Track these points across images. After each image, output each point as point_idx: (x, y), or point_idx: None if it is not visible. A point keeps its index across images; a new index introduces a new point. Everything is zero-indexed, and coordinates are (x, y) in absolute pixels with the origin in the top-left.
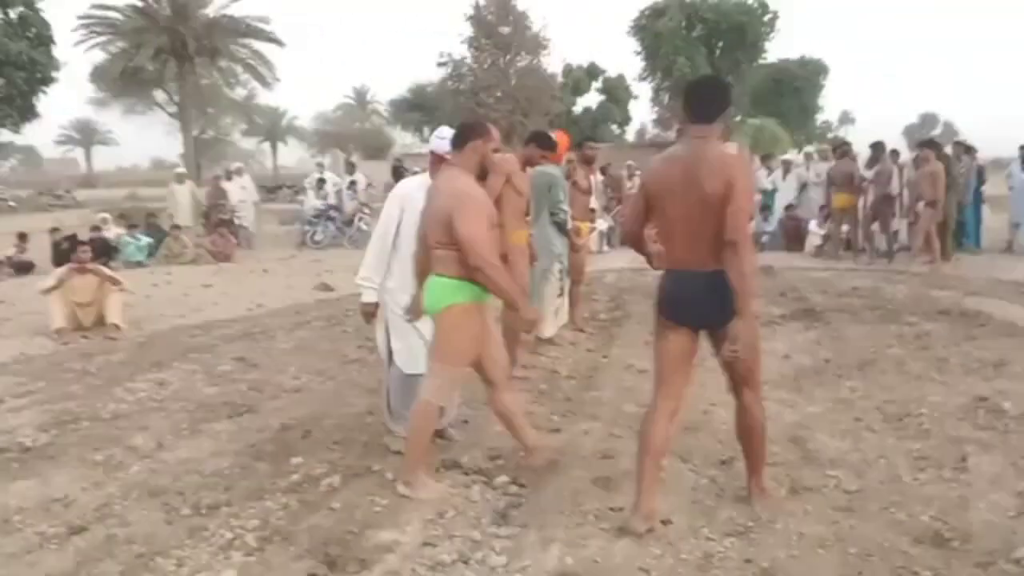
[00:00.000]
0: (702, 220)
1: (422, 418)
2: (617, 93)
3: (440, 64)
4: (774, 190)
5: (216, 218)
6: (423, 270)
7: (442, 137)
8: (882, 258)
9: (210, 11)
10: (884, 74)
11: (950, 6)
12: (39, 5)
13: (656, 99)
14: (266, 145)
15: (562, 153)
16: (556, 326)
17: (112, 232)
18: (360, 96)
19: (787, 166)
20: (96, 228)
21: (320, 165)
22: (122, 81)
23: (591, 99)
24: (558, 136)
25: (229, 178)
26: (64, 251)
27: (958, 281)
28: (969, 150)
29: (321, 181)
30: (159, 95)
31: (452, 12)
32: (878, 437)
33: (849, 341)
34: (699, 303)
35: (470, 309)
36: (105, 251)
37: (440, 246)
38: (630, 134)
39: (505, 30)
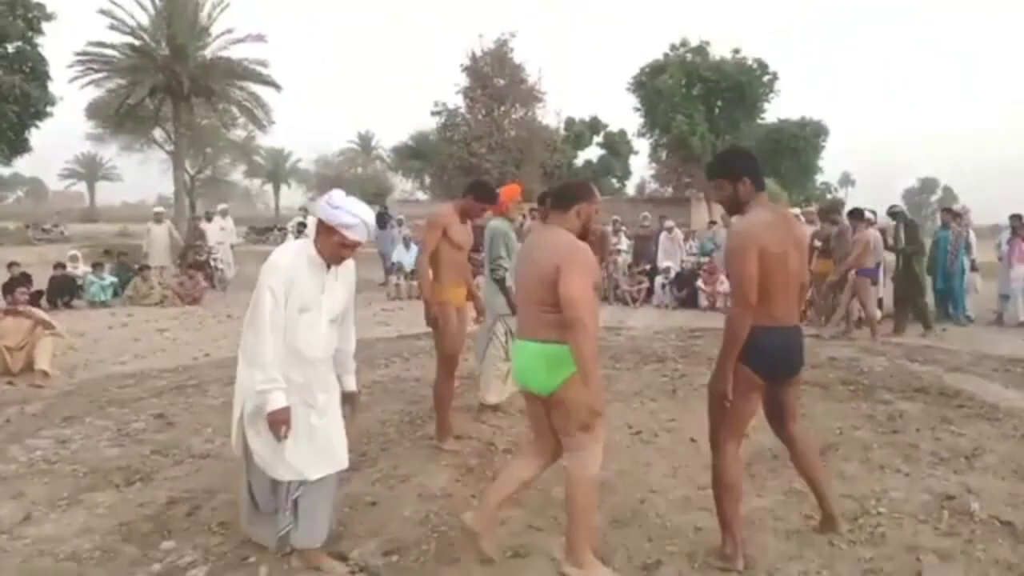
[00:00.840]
0: (795, 278)
1: (586, 495)
2: (618, 147)
3: (434, 113)
4: None
5: (192, 259)
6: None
7: (335, 206)
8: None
9: (208, 52)
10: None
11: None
12: (38, 40)
13: (654, 155)
14: (269, 186)
15: (506, 204)
16: (504, 392)
17: (80, 270)
18: (365, 141)
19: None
20: (60, 265)
21: (303, 209)
22: (118, 118)
23: (592, 152)
24: (507, 188)
25: (209, 219)
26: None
27: (943, 355)
28: (957, 216)
29: (302, 225)
30: (157, 133)
31: (456, 62)
32: (826, 540)
33: (815, 420)
34: (796, 355)
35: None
36: (69, 290)
37: (546, 309)
38: (630, 188)
39: (500, 82)
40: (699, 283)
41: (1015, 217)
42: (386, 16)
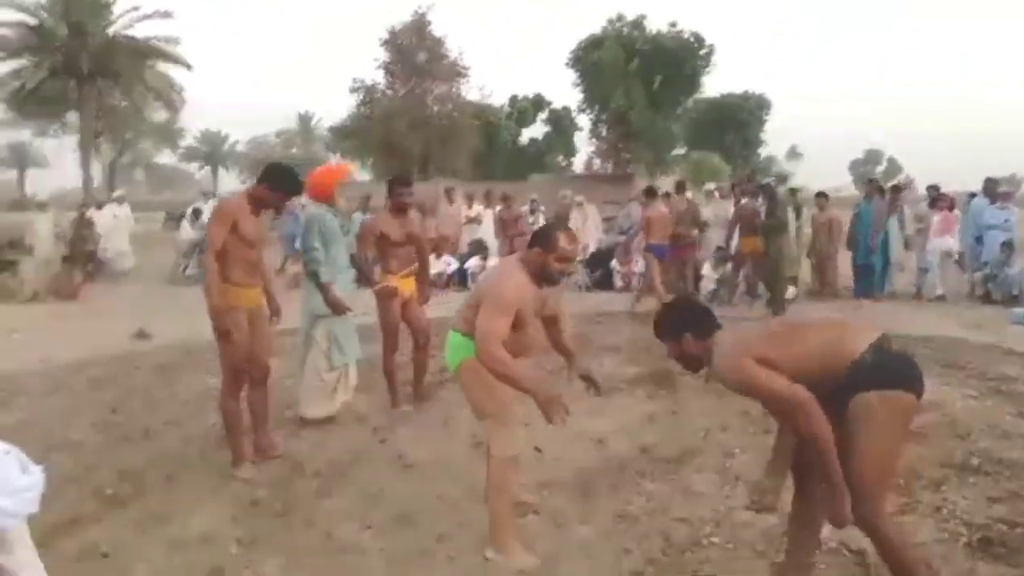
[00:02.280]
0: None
1: (496, 475)
2: (563, 125)
3: (353, 90)
4: None
5: (79, 250)
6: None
7: None
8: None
9: (111, 31)
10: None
11: (896, 45)
12: None
13: (594, 131)
14: (207, 170)
15: (328, 189)
16: (330, 406)
17: None
18: (304, 122)
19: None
20: None
21: (205, 194)
22: (19, 102)
23: (537, 130)
24: (327, 170)
25: (100, 207)
26: None
27: None
28: (881, 190)
29: (197, 212)
30: (74, 117)
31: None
32: None
33: (686, 419)
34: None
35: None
36: None
37: (469, 315)
38: (577, 165)
39: (421, 55)
40: (613, 263)
41: (932, 188)
42: None
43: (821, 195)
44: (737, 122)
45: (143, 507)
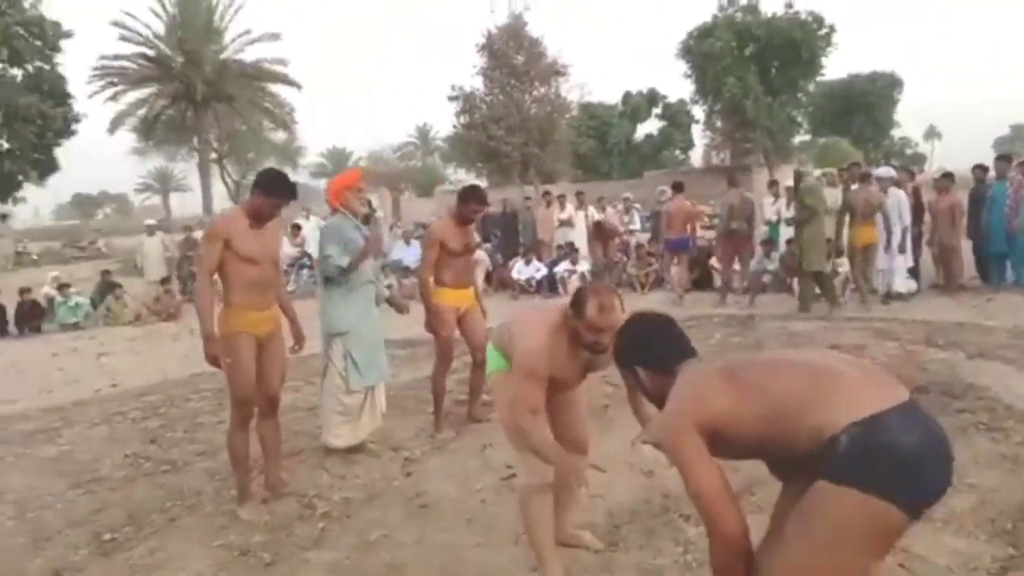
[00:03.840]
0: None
1: (523, 505)
2: (678, 118)
3: (451, 98)
4: (778, 221)
5: (187, 270)
6: None
7: None
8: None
9: (223, 56)
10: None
11: None
12: (57, 59)
13: (708, 122)
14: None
15: (339, 196)
16: (354, 434)
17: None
18: (422, 134)
19: (791, 194)
20: (26, 290)
21: (306, 210)
22: (145, 131)
23: (652, 125)
24: (340, 177)
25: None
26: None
27: (975, 334)
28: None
29: (296, 227)
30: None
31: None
32: None
33: None
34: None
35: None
36: (36, 314)
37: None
38: (695, 159)
39: (518, 58)
40: (712, 261)
41: None
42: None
43: (946, 176)
44: (866, 104)
45: (132, 556)
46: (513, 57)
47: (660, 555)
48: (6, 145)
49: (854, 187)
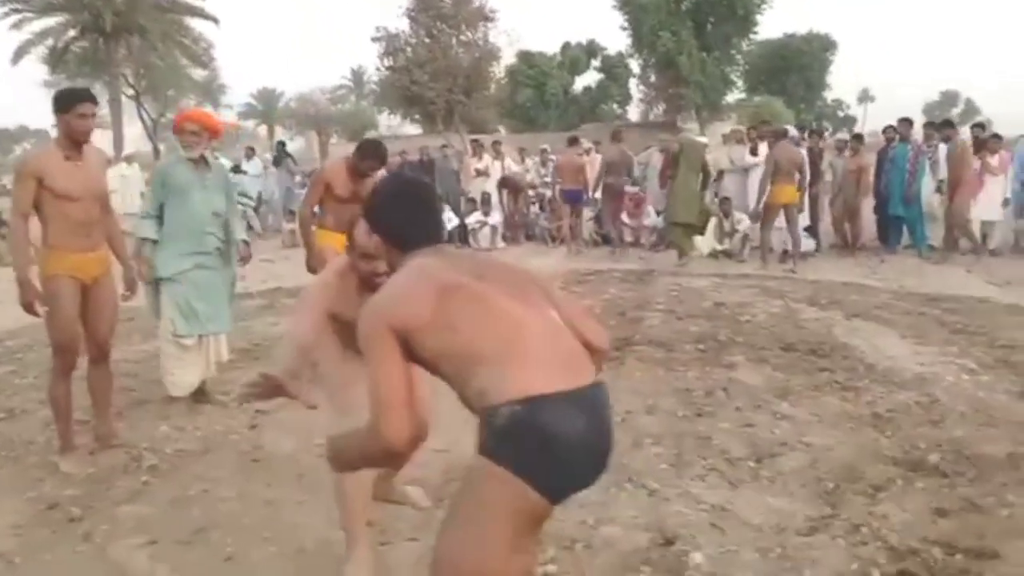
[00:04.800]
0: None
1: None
2: (616, 72)
3: (375, 39)
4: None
5: None
6: None
7: None
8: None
9: None
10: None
11: None
12: None
13: (643, 76)
14: (264, 128)
15: (174, 132)
16: (188, 380)
17: None
18: (357, 77)
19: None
20: None
21: (251, 149)
22: (56, 62)
23: (591, 77)
24: (178, 116)
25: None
26: None
27: (857, 294)
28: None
29: (236, 168)
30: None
31: None
32: None
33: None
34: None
35: None
36: None
37: None
38: (632, 114)
39: (447, 1)
40: (623, 216)
41: (977, 127)
42: None
43: (856, 137)
44: (800, 65)
45: None
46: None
47: None
48: None
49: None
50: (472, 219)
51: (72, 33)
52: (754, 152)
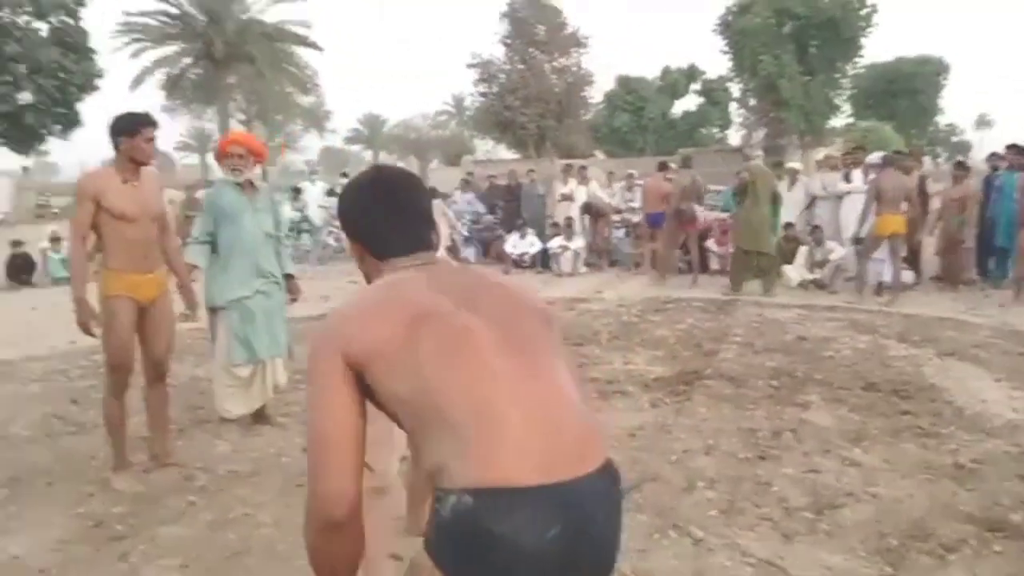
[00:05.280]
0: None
1: None
2: (716, 95)
3: (470, 66)
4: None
5: (187, 231)
6: None
7: None
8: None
9: (246, 16)
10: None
11: None
12: (82, 14)
13: (742, 100)
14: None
15: (217, 158)
16: (245, 406)
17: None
18: (458, 102)
19: (794, 176)
20: (18, 243)
21: (312, 173)
22: (168, 89)
23: (690, 101)
24: (222, 140)
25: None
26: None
27: (954, 330)
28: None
29: (296, 191)
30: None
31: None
32: None
33: (673, 435)
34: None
35: None
36: (26, 268)
37: None
38: (733, 138)
39: (540, 28)
40: (710, 242)
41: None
42: None
43: (959, 166)
44: (911, 88)
45: None
46: (534, 26)
47: None
48: (30, 98)
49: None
50: (554, 244)
51: (187, 61)
52: (847, 179)
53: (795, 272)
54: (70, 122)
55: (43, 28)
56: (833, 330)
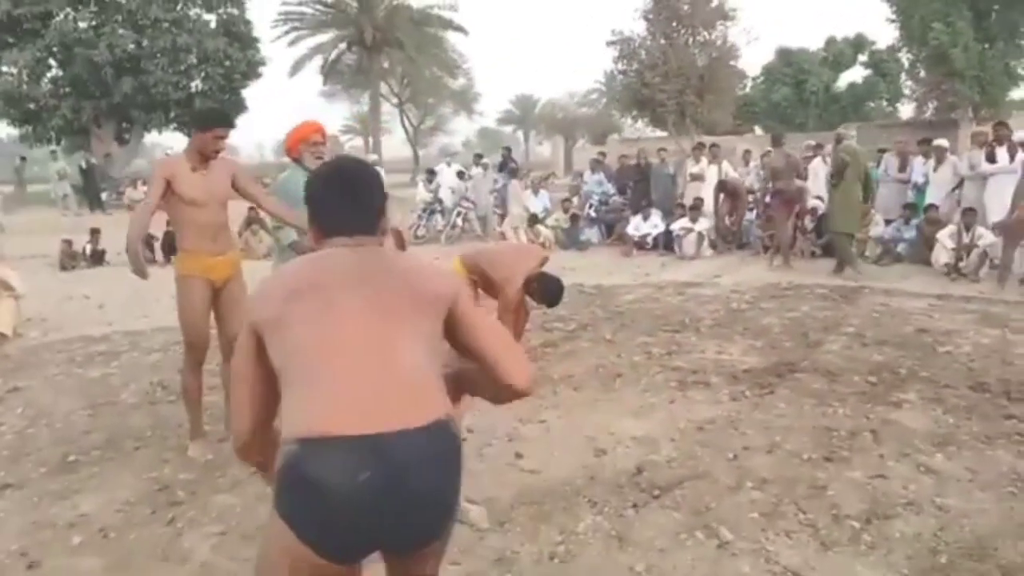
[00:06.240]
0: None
1: None
2: (886, 67)
3: (609, 43)
4: (926, 183)
5: None
6: None
7: None
8: None
9: (396, 1)
10: None
11: None
12: (248, 4)
13: (911, 72)
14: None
15: (293, 144)
16: None
17: None
18: (610, 81)
19: (941, 155)
20: (95, 231)
21: (450, 155)
22: (325, 74)
23: (856, 73)
24: (294, 127)
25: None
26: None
27: None
28: None
29: (431, 172)
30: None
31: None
32: None
33: (738, 432)
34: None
35: None
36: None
37: None
38: (905, 111)
39: (684, 2)
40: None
41: None
42: None
43: None
44: None
45: (72, 479)
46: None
47: (531, 541)
48: (200, 86)
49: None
50: (677, 225)
51: (341, 47)
52: (991, 158)
53: (943, 256)
54: (236, 107)
55: (212, 19)
56: (961, 323)
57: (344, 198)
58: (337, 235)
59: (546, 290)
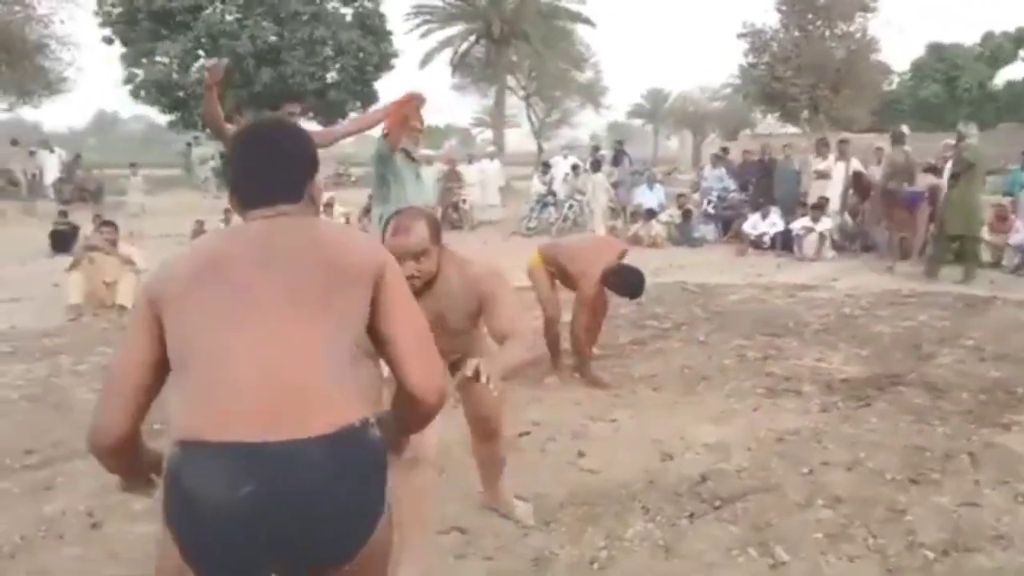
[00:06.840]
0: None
1: None
2: None
3: (739, 36)
4: None
5: (448, 201)
6: None
7: None
8: None
9: None
10: None
11: None
12: None
13: None
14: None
15: (395, 132)
16: None
17: None
18: (745, 74)
19: None
20: (228, 211)
21: (568, 149)
22: (454, 67)
23: (1017, 70)
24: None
25: (470, 162)
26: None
27: None
28: None
29: (546, 165)
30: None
31: None
32: None
33: (819, 445)
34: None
35: None
36: None
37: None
38: None
39: None
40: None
41: None
42: None
43: None
44: None
45: (59, 470)
46: None
47: (573, 543)
48: (335, 77)
49: None
50: (797, 225)
51: (469, 40)
52: None
53: None
54: (368, 99)
55: (348, 13)
56: None
57: (262, 163)
58: (256, 206)
59: (625, 282)
